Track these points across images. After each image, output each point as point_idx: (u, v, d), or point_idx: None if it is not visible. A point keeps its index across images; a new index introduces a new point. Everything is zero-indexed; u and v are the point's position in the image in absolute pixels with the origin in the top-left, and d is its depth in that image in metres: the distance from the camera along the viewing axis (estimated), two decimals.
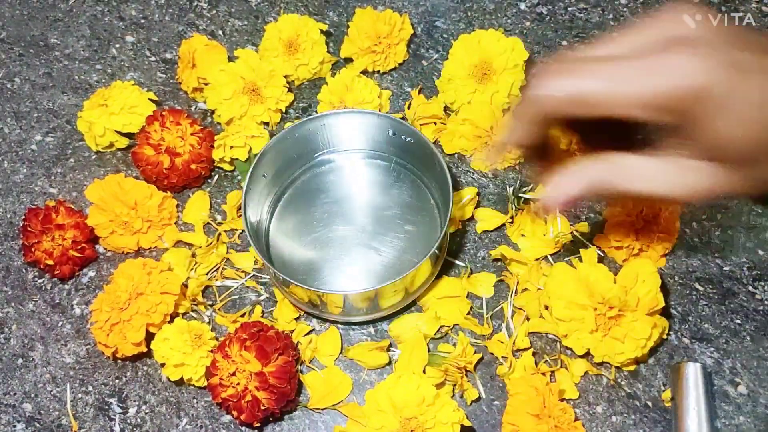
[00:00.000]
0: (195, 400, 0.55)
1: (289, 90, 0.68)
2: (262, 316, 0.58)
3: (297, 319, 0.58)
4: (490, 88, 0.64)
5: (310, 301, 0.54)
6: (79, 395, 0.56)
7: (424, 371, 0.53)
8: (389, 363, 0.56)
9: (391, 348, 0.56)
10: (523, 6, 0.76)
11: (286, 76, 0.68)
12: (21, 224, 0.60)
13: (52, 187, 0.66)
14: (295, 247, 0.60)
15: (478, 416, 0.54)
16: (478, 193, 0.63)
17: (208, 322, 0.58)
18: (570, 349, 0.53)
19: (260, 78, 0.65)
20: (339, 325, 0.58)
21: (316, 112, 0.68)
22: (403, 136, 0.59)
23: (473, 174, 0.65)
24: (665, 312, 0.54)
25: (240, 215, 0.61)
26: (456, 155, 0.66)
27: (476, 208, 0.62)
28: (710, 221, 0.62)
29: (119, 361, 0.57)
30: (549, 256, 0.60)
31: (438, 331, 0.57)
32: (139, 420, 0.54)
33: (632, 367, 0.55)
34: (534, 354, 0.55)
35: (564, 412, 0.51)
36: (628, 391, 0.54)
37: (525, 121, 0.40)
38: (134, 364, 0.57)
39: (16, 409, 0.55)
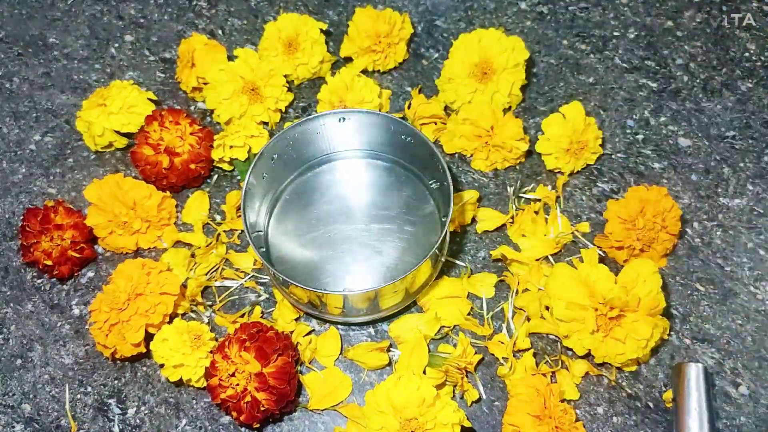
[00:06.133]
0: (194, 401, 0.55)
1: (289, 89, 0.68)
2: (261, 317, 0.58)
3: (297, 319, 0.58)
4: (491, 87, 0.64)
5: (310, 301, 0.54)
6: (78, 396, 0.56)
7: (424, 372, 0.53)
8: (389, 364, 0.56)
9: (391, 349, 0.56)
10: (523, 5, 0.76)
11: (285, 76, 0.68)
12: (20, 224, 0.60)
13: (51, 187, 0.65)
14: (294, 247, 0.59)
15: (479, 417, 0.54)
16: (479, 198, 0.62)
17: (208, 323, 0.57)
18: (571, 349, 0.53)
19: (260, 77, 0.65)
20: (339, 326, 0.57)
21: (315, 111, 0.68)
22: (403, 136, 0.59)
23: (473, 174, 0.65)
24: (666, 312, 0.54)
25: (239, 215, 0.61)
26: (456, 155, 0.66)
27: (476, 208, 0.62)
28: (711, 221, 0.62)
29: (118, 361, 0.57)
30: (550, 257, 0.60)
31: (438, 331, 0.56)
32: (138, 421, 0.54)
33: (633, 368, 0.55)
34: (535, 355, 0.55)
35: (565, 412, 0.50)
36: (629, 391, 0.54)
37: None
38: (133, 364, 0.57)
39: (15, 410, 0.55)
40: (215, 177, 0.66)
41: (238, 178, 0.65)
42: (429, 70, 0.71)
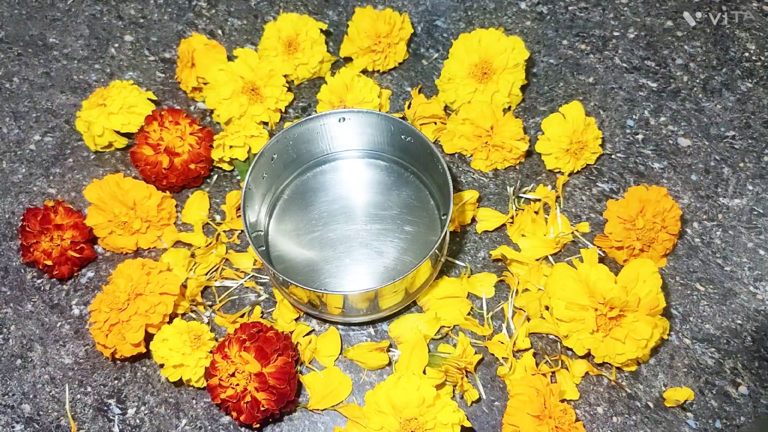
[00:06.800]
0: (194, 401, 0.55)
1: (289, 89, 0.68)
2: (261, 317, 0.58)
3: (297, 319, 0.58)
4: (491, 87, 0.64)
5: (310, 301, 0.54)
6: (78, 396, 0.55)
7: (424, 372, 0.53)
8: (389, 364, 0.56)
9: (391, 349, 0.56)
10: (523, 5, 0.76)
11: (285, 76, 0.68)
12: (19, 224, 0.59)
13: (51, 187, 0.65)
14: (294, 247, 0.59)
15: (479, 417, 0.54)
16: (479, 198, 0.62)
17: (208, 323, 0.57)
18: (571, 349, 0.53)
19: (259, 77, 0.65)
20: (339, 326, 0.57)
21: (315, 111, 0.68)
22: (403, 136, 0.59)
23: (473, 174, 0.65)
24: (666, 312, 0.54)
25: (239, 215, 0.61)
26: (456, 155, 0.66)
27: (476, 208, 0.62)
28: (711, 221, 0.62)
29: (118, 361, 0.57)
30: (550, 257, 0.60)
31: (438, 331, 0.56)
32: (138, 421, 0.54)
33: (633, 368, 0.55)
34: (534, 355, 0.55)
35: (565, 412, 0.50)
36: (629, 391, 0.54)
37: None
38: (133, 364, 0.57)
39: (14, 410, 0.55)
40: (215, 177, 0.66)
41: (238, 178, 0.65)
42: (429, 70, 0.71)
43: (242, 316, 0.58)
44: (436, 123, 0.66)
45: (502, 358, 0.55)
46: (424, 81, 0.70)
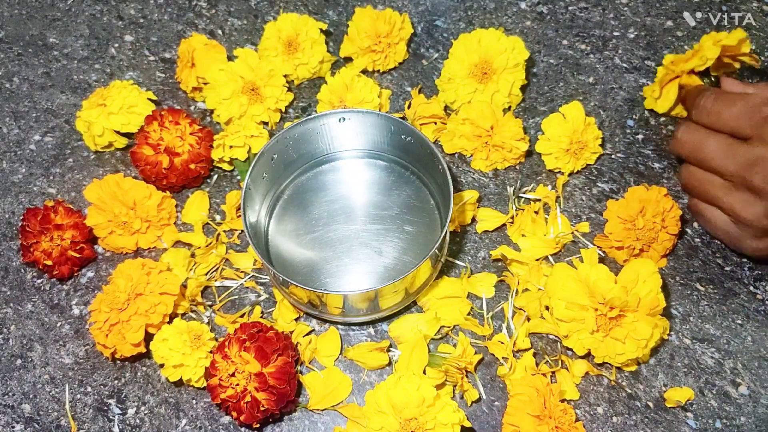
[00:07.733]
0: (194, 401, 0.55)
1: (289, 89, 0.68)
2: (261, 317, 0.58)
3: (297, 319, 0.58)
4: (491, 87, 0.64)
5: (310, 301, 0.54)
6: (78, 396, 0.55)
7: (424, 372, 0.53)
8: (389, 364, 0.56)
9: (391, 349, 0.56)
10: (523, 5, 0.76)
11: (285, 76, 0.68)
12: (20, 224, 0.59)
13: (51, 187, 0.65)
14: (294, 247, 0.59)
15: (479, 417, 0.54)
16: (479, 198, 0.62)
17: (208, 323, 0.57)
18: (571, 349, 0.53)
19: (259, 77, 0.65)
20: (339, 326, 0.57)
21: (315, 111, 0.68)
22: (403, 136, 0.59)
23: (473, 174, 0.65)
24: (666, 312, 0.54)
25: (239, 215, 0.61)
26: (456, 155, 0.66)
27: (476, 208, 0.62)
28: None
29: (118, 361, 0.57)
30: (550, 257, 0.60)
31: (438, 331, 0.56)
32: (138, 421, 0.54)
33: (633, 368, 0.55)
34: (534, 354, 0.55)
35: (565, 412, 0.50)
36: (629, 391, 0.54)
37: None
38: (133, 364, 0.57)
39: (14, 410, 0.55)
40: (215, 177, 0.66)
41: (238, 178, 0.65)
42: (429, 70, 0.71)
43: (242, 316, 0.58)
44: (436, 123, 0.66)
45: (502, 358, 0.55)
46: (424, 81, 0.70)
